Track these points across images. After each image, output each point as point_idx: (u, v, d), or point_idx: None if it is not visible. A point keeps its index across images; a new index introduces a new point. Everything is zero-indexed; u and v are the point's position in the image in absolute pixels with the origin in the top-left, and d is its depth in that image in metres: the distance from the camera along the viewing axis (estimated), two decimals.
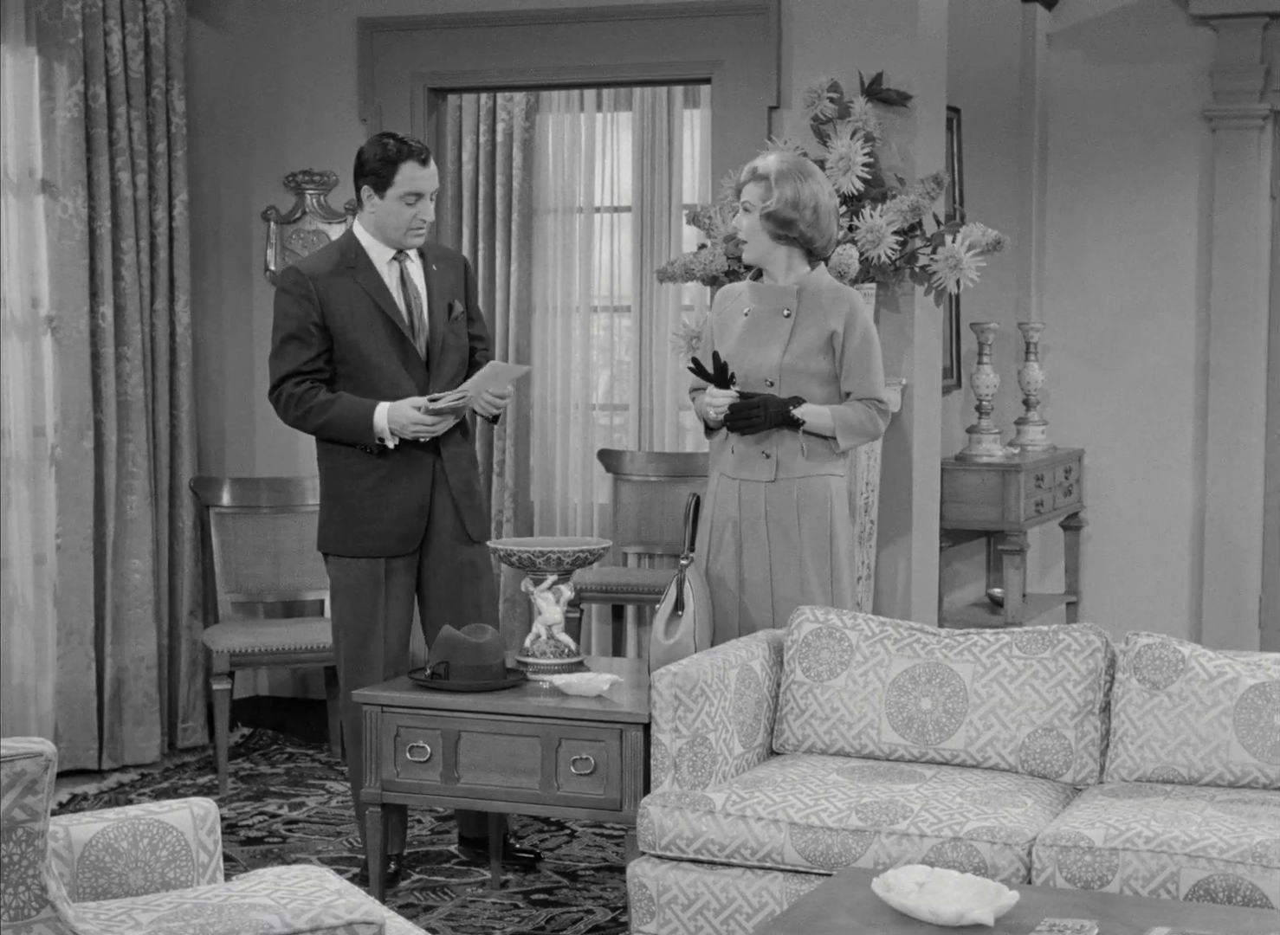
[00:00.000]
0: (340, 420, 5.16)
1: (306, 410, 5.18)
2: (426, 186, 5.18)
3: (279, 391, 5.21)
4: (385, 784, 4.90)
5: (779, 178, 5.03)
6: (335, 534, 5.30)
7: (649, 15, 6.64)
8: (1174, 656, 4.50)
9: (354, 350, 5.20)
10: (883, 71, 6.20)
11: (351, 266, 5.22)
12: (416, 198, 5.17)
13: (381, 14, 6.99)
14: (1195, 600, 7.91)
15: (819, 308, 5.09)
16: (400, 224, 5.18)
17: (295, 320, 5.18)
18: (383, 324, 5.20)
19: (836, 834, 4.26)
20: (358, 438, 5.18)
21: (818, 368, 5.08)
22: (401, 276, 5.26)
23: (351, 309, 5.18)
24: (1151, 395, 7.99)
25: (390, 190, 5.15)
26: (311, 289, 5.18)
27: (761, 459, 5.09)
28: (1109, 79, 7.95)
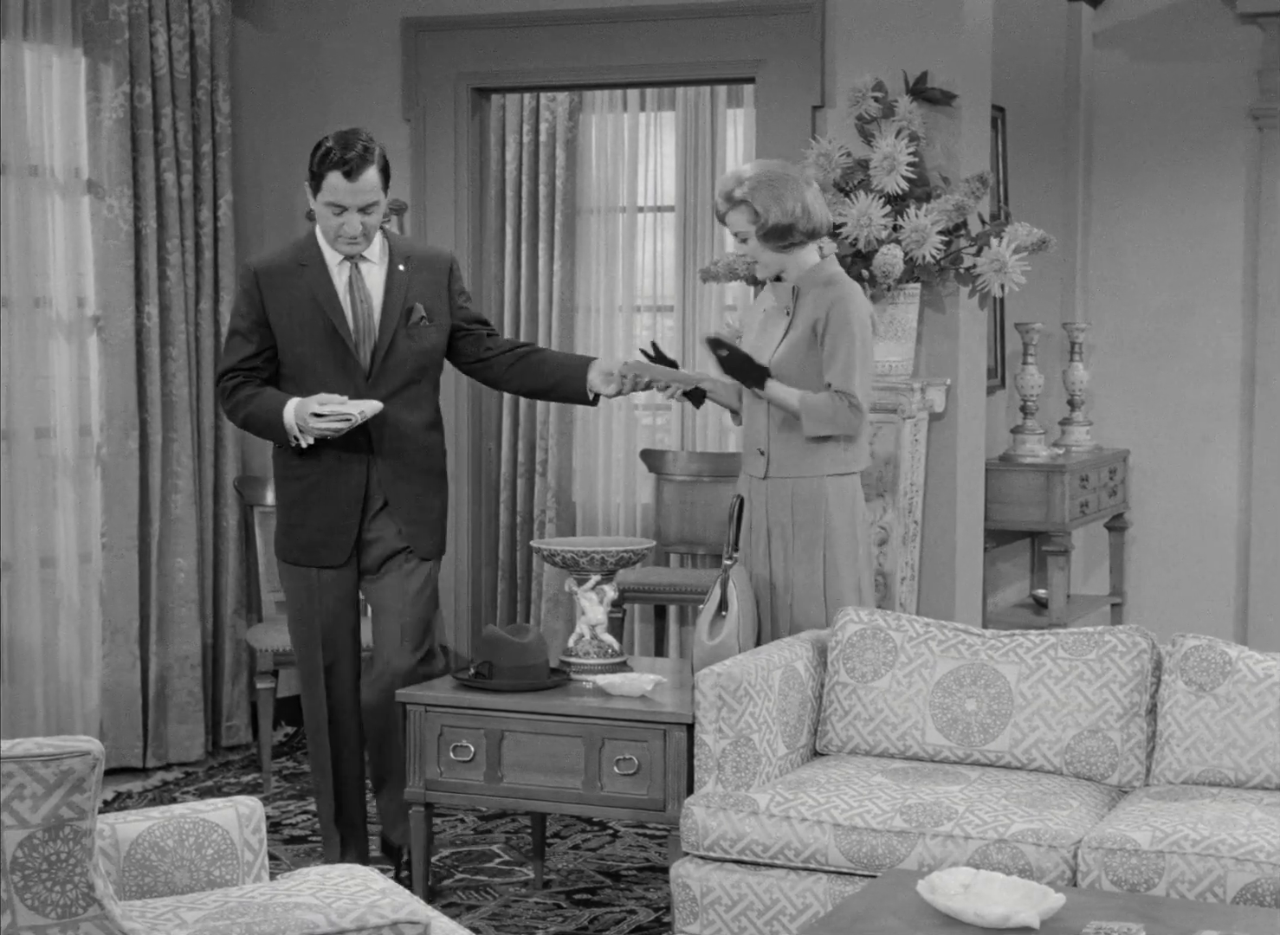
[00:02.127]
0: (257, 416, 5.06)
1: (234, 404, 5.09)
2: (349, 200, 4.93)
3: (217, 386, 5.18)
4: (429, 783, 4.91)
5: (756, 196, 5.00)
6: (276, 536, 5.25)
7: (692, 14, 6.63)
8: (1221, 658, 4.48)
9: (291, 352, 5.07)
10: (927, 70, 6.18)
11: (304, 264, 5.07)
12: (340, 209, 4.95)
13: (426, 14, 7.00)
14: (1241, 601, 7.87)
15: (812, 300, 5.08)
16: (328, 231, 5.02)
17: (239, 316, 5.11)
18: (323, 327, 5.04)
19: (881, 835, 4.24)
20: (274, 434, 5.07)
21: (807, 365, 5.05)
22: (351, 279, 5.07)
23: (293, 309, 5.05)
24: (1197, 395, 7.95)
25: (319, 195, 4.98)
26: (255, 285, 5.08)
27: (756, 455, 5.12)
28: (1155, 77, 7.91)
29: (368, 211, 4.96)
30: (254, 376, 5.09)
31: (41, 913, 2.95)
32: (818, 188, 5.17)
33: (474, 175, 7.08)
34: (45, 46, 6.33)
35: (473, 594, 7.17)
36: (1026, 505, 7.04)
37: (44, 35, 6.30)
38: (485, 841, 5.81)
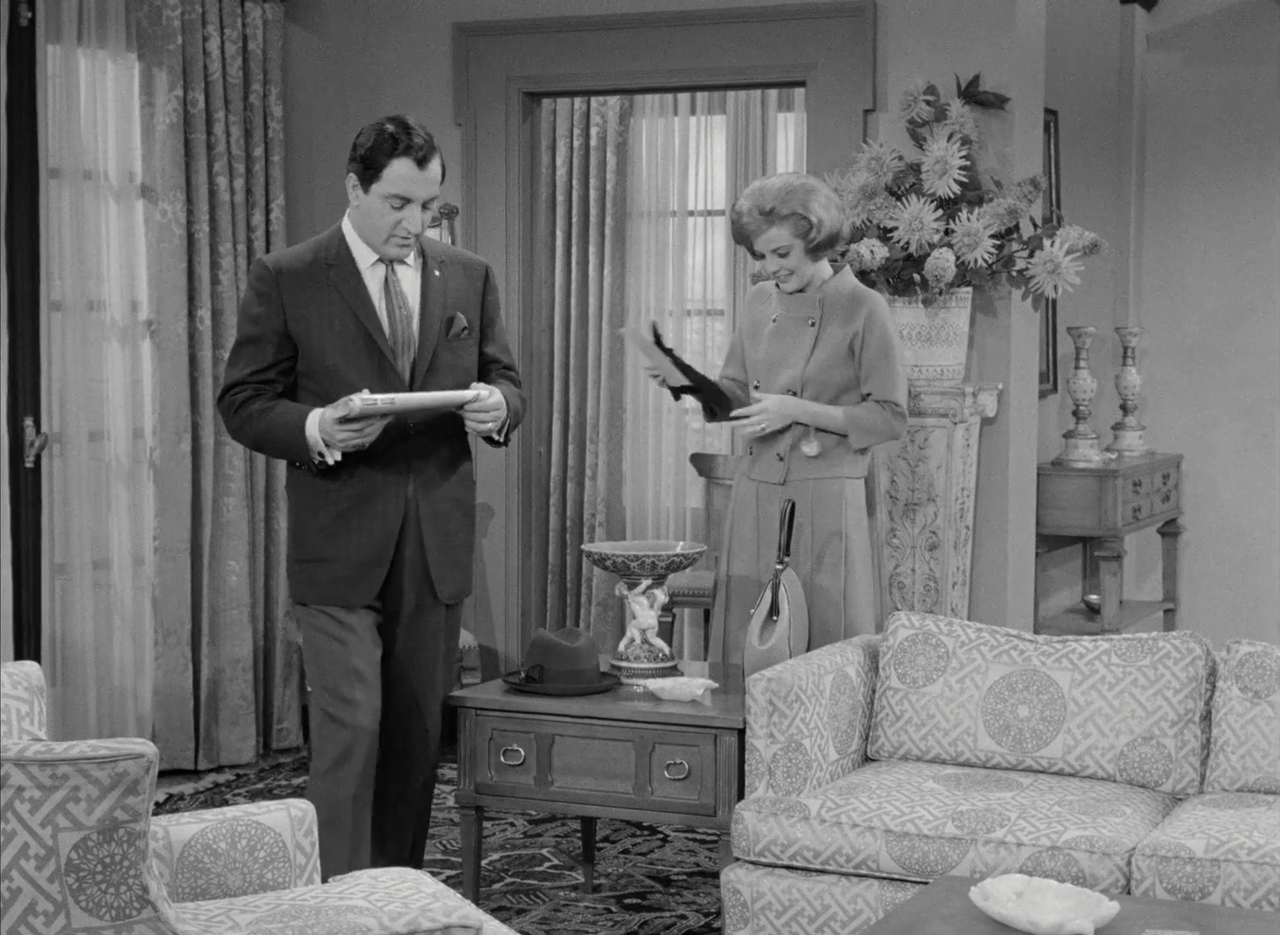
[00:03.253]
0: (274, 431, 4.46)
1: (244, 420, 4.50)
2: (419, 192, 4.41)
3: (222, 400, 4.55)
4: (479, 787, 4.91)
5: (805, 206, 4.99)
6: (291, 573, 4.63)
7: (743, 18, 6.62)
8: (1276, 665, 4.44)
9: (320, 364, 4.49)
10: (979, 73, 6.17)
11: (330, 265, 4.51)
12: (403, 202, 4.41)
13: (476, 18, 7.01)
14: None
15: (840, 312, 5.12)
16: (380, 228, 4.44)
17: (254, 322, 4.50)
18: (358, 337, 4.47)
19: (933, 842, 4.22)
20: (295, 453, 4.47)
21: (840, 378, 5.10)
22: (386, 283, 4.53)
23: (322, 316, 4.47)
24: (1251, 400, 7.90)
25: (376, 186, 4.41)
26: (276, 288, 4.50)
27: (775, 461, 5.13)
28: (1208, 80, 7.87)
29: (428, 206, 4.47)
30: (265, 390, 4.52)
31: (96, 915, 2.96)
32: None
33: (524, 179, 7.09)
34: (100, 51, 6.36)
35: (522, 598, 7.17)
36: (1079, 510, 7.01)
37: (98, 40, 6.33)
38: (535, 845, 5.81)
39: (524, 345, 7.11)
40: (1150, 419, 8.00)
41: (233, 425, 4.55)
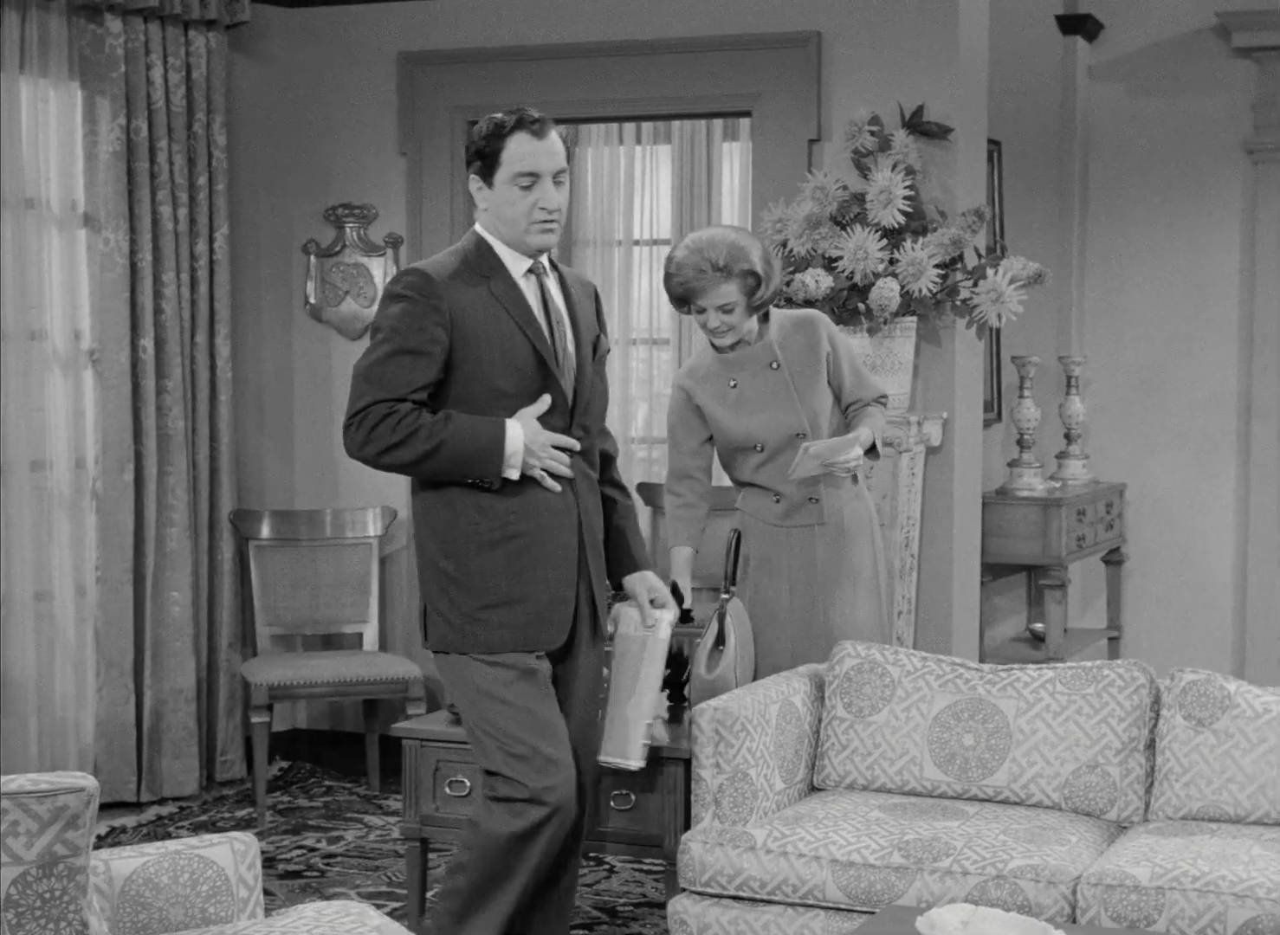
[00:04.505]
0: (462, 441, 4.01)
1: (411, 433, 4.01)
2: (545, 165, 4.06)
3: (366, 413, 4.03)
4: (424, 819, 4.88)
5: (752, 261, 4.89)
6: (462, 624, 4.12)
7: (688, 48, 6.64)
8: (1220, 693, 4.46)
9: (485, 385, 4.08)
10: (923, 104, 6.20)
11: (484, 275, 4.12)
12: (532, 179, 4.05)
13: (421, 47, 7.01)
14: (1239, 635, 7.85)
15: (796, 343, 5.06)
16: (517, 218, 4.07)
17: (417, 333, 4.02)
18: (523, 355, 4.10)
19: (879, 871, 4.22)
20: (478, 466, 4.04)
21: (828, 399, 5.09)
22: (543, 297, 4.18)
23: (490, 333, 4.07)
24: (1193, 429, 7.95)
25: (498, 173, 4.08)
26: (443, 298, 4.06)
27: (811, 506, 5.07)
28: (1150, 111, 7.93)
29: (559, 183, 4.10)
30: (421, 408, 4.07)
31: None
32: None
33: (469, 208, 7.04)
34: (42, 80, 6.33)
35: None
36: (1023, 539, 7.03)
37: (40, 68, 6.30)
38: None
39: None
40: (1094, 448, 8.04)
41: (388, 440, 4.01)
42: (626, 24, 6.72)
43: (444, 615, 4.13)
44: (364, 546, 7.03)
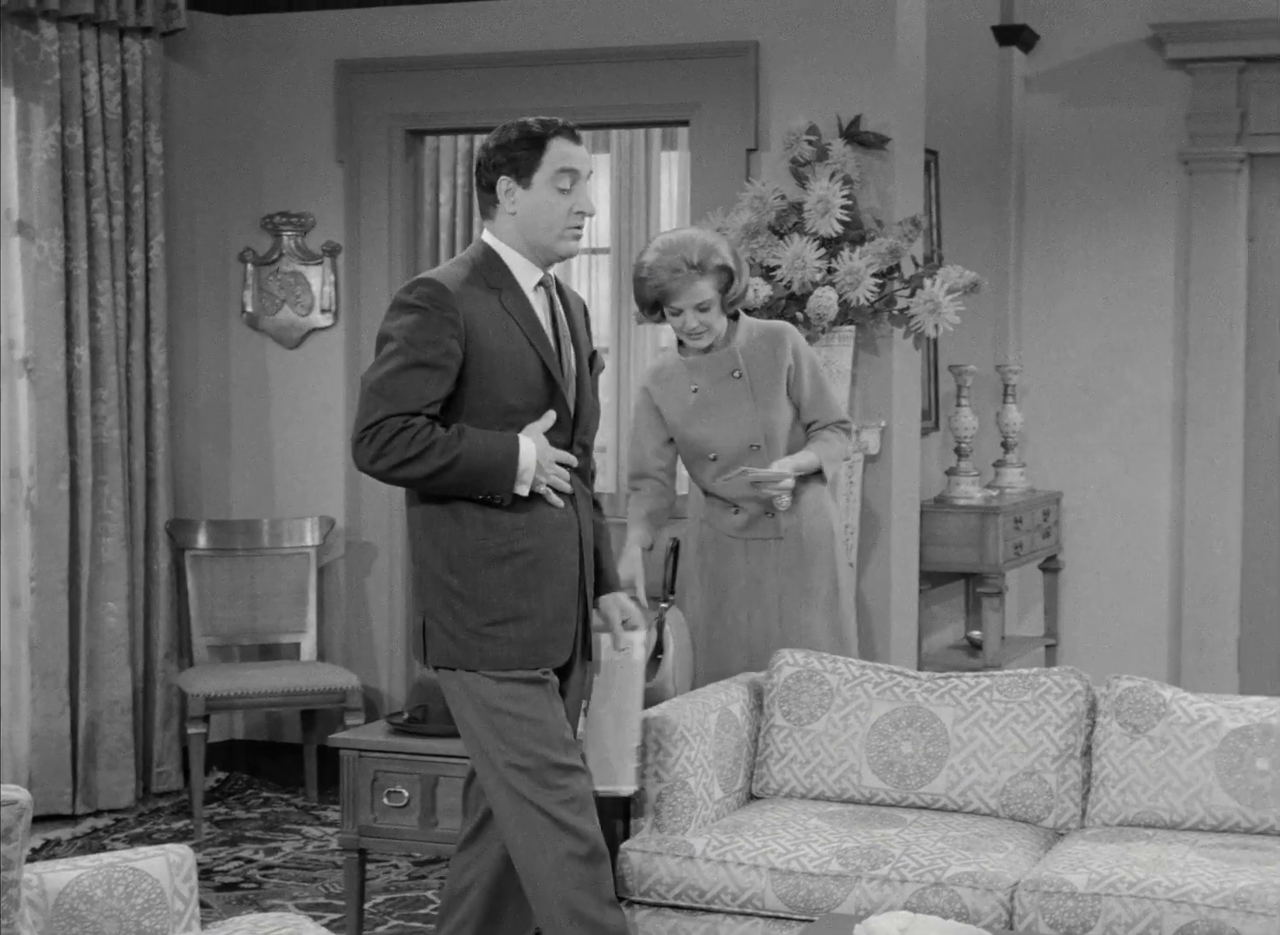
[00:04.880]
0: (475, 455, 3.91)
1: (425, 448, 3.89)
2: (584, 166, 4.04)
3: (379, 427, 3.90)
4: (362, 829, 4.86)
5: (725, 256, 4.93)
6: (469, 640, 4.01)
7: (626, 57, 6.64)
8: (1155, 700, 4.49)
9: (496, 401, 3.99)
10: (861, 114, 6.22)
11: (496, 287, 4.03)
12: (572, 178, 4.00)
13: (359, 56, 6.99)
14: (1174, 643, 7.90)
15: (761, 353, 5.07)
16: (554, 221, 3.99)
17: (431, 346, 3.91)
18: (533, 367, 4.02)
19: (817, 879, 4.22)
20: (491, 481, 3.94)
21: (789, 415, 5.08)
22: (552, 310, 4.12)
23: (502, 348, 3.99)
24: (1129, 437, 8.00)
25: (538, 174, 3.99)
26: (458, 310, 3.96)
27: (768, 520, 5.07)
28: (1086, 122, 7.98)
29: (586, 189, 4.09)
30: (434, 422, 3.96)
31: None
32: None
33: (408, 217, 7.06)
34: None
35: (406, 637, 7.12)
36: (961, 547, 7.05)
37: None
38: (420, 887, 5.76)
39: None
40: (1031, 456, 8.08)
41: (403, 453, 3.89)
42: (565, 33, 6.72)
43: (448, 630, 4.02)
44: (301, 556, 6.99)
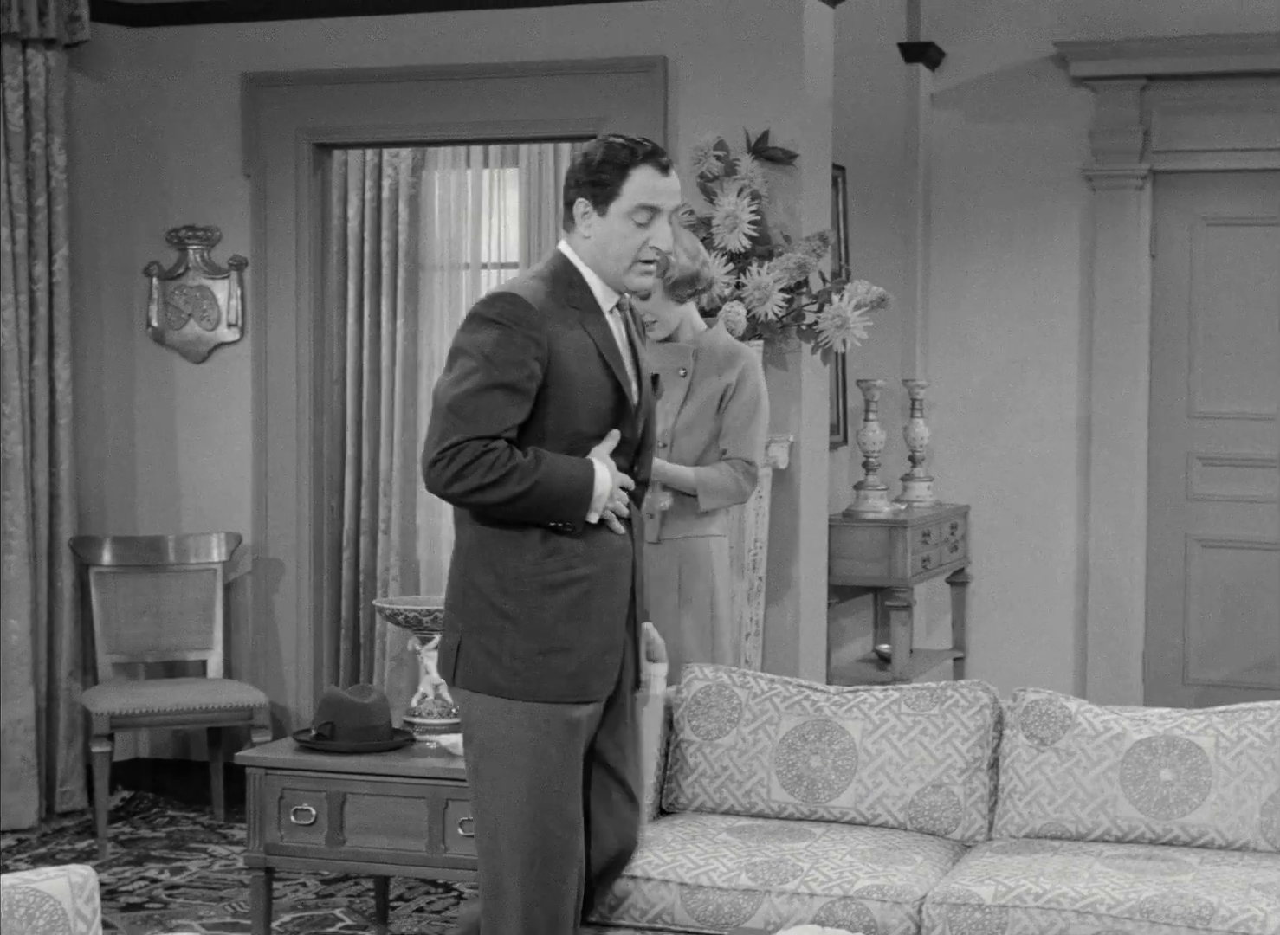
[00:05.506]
0: (553, 482, 3.73)
1: (505, 475, 3.70)
2: (666, 202, 3.81)
3: (458, 450, 3.70)
4: (269, 848, 4.82)
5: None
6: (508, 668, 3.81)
7: (535, 72, 6.64)
8: (1061, 712, 4.52)
9: (567, 421, 3.80)
10: (769, 129, 6.24)
11: (577, 307, 3.84)
12: (650, 214, 3.80)
13: (266, 69, 6.95)
14: (1080, 655, 7.97)
15: (715, 365, 5.08)
16: (624, 254, 3.80)
17: (514, 367, 3.71)
18: (606, 393, 3.83)
19: (727, 894, 4.22)
20: (566, 509, 3.77)
21: (710, 431, 5.07)
22: (628, 334, 3.95)
23: (580, 368, 3.79)
24: (1035, 451, 8.06)
25: (616, 203, 3.79)
26: (541, 330, 3.76)
27: (645, 520, 5.07)
28: (991, 138, 8.04)
29: (670, 221, 3.88)
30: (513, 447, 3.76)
31: None
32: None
33: (315, 231, 7.03)
34: None
35: (314, 654, 7.08)
36: (869, 560, 7.09)
37: None
38: (328, 906, 5.72)
39: (315, 399, 7.04)
40: (938, 470, 8.13)
41: (483, 478, 3.70)
42: (474, 47, 6.71)
43: (492, 655, 3.81)
44: (208, 573, 6.94)
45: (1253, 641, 7.86)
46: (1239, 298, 7.86)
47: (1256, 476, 7.84)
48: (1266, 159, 7.71)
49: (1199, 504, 7.94)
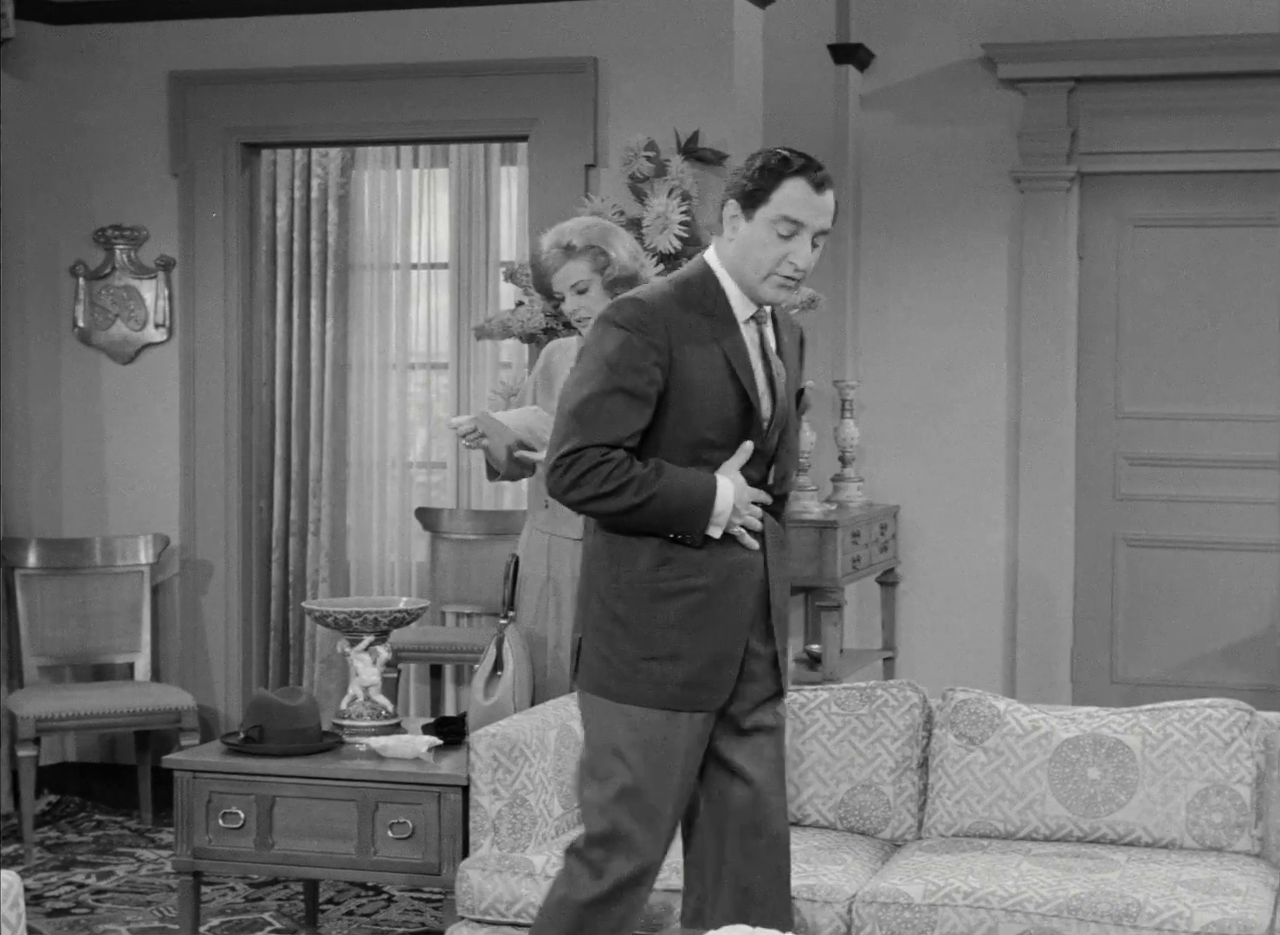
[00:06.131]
0: (671, 495, 3.70)
1: (622, 485, 3.68)
2: (812, 219, 3.74)
3: (577, 457, 3.70)
4: (197, 852, 4.79)
5: (604, 240, 5.00)
6: (619, 672, 3.79)
7: (466, 72, 6.62)
8: (990, 711, 4.54)
9: (690, 430, 3.75)
10: (699, 130, 6.25)
11: (709, 314, 3.79)
12: (794, 228, 3.73)
13: (194, 67, 6.91)
14: (1009, 654, 8.00)
15: None
16: (763, 263, 3.74)
17: (635, 374, 3.70)
18: (734, 403, 3.77)
19: (657, 894, 4.22)
20: (685, 522, 3.73)
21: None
22: (763, 346, 3.86)
23: (707, 380, 3.75)
24: (964, 451, 8.09)
25: (762, 209, 3.74)
26: (665, 337, 3.73)
27: (572, 515, 5.06)
28: (921, 140, 8.07)
29: (816, 244, 3.79)
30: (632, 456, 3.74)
31: None
32: None
33: (244, 231, 6.99)
34: None
35: (243, 656, 7.04)
36: (800, 561, 7.08)
37: None
38: (257, 909, 5.69)
39: (244, 399, 7.00)
40: (869, 470, 8.15)
41: (602, 487, 3.70)
42: (404, 47, 6.69)
43: (604, 657, 3.81)
44: (135, 575, 6.89)
45: (1179, 640, 7.92)
46: (1166, 299, 7.91)
47: (1183, 476, 7.90)
48: (1193, 161, 7.76)
49: (1126, 504, 7.99)
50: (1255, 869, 4.25)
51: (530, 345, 6.22)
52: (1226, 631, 7.86)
